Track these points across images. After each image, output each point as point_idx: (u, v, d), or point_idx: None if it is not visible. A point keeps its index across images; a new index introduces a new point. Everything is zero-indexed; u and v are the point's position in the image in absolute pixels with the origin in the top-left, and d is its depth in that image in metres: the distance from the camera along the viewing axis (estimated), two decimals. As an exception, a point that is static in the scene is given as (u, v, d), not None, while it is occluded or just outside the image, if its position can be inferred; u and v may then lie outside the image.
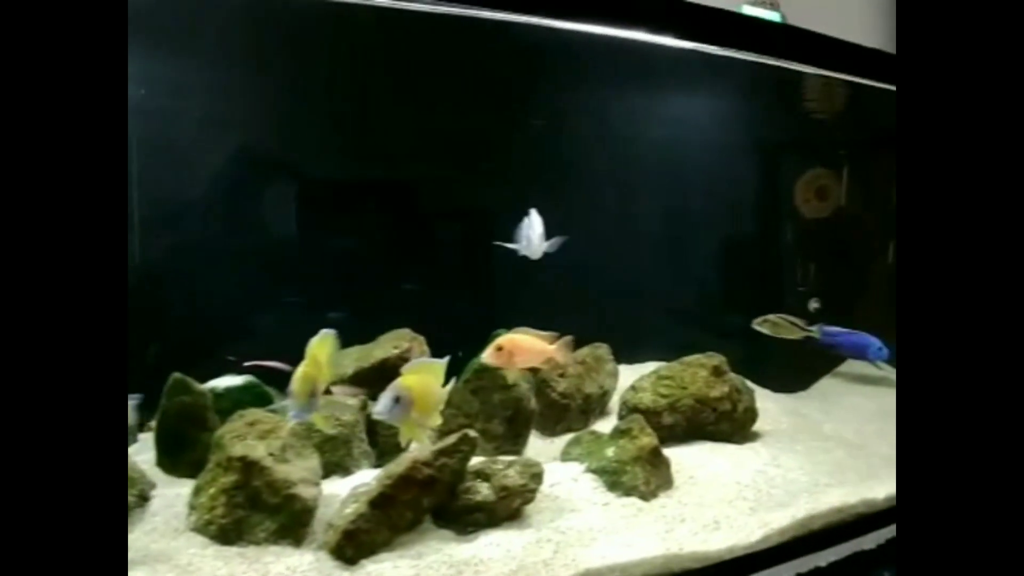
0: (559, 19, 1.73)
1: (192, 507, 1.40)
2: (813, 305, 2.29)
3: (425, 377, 1.38)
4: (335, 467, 1.62)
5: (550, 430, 1.90)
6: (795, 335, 2.11)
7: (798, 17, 2.74)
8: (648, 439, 1.66)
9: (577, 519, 1.51)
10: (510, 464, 1.52)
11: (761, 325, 2.11)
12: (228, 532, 1.35)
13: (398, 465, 1.42)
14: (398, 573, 1.30)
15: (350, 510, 1.36)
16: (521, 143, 2.14)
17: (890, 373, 2.40)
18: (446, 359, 1.55)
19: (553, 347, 1.59)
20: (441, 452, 1.44)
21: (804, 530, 1.61)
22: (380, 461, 1.68)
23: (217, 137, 1.97)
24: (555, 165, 2.25)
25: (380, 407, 1.31)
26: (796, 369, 2.40)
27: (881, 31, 2.87)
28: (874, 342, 2.16)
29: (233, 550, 1.34)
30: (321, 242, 2.17)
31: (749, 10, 1.82)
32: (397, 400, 1.30)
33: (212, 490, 1.38)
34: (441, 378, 1.43)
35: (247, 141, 2.01)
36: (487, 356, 1.55)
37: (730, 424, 1.91)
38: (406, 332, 1.87)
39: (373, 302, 2.18)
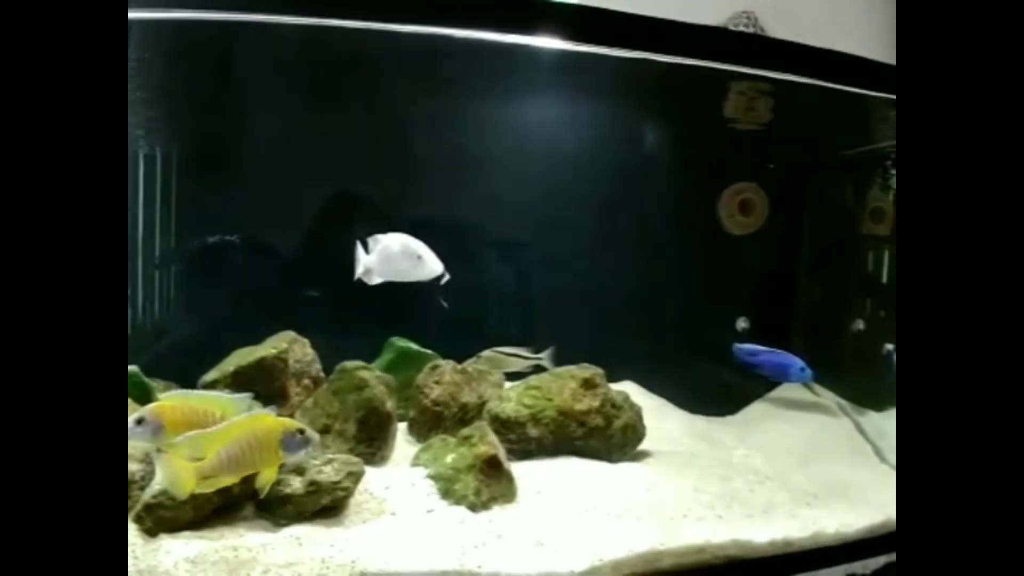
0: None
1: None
2: (741, 325, 2.12)
3: (191, 403, 1.41)
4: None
5: (424, 436, 1.90)
6: (520, 366, 1.95)
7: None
8: (485, 448, 1.63)
9: (390, 523, 1.50)
10: (329, 461, 1.55)
11: (478, 363, 1.97)
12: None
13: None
14: (184, 549, 1.35)
15: (157, 487, 1.46)
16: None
17: (828, 399, 2.17)
18: (243, 396, 1.49)
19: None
20: (253, 442, 1.51)
21: (646, 567, 1.45)
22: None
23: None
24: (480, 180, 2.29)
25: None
26: (730, 391, 2.23)
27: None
28: (795, 362, 1.96)
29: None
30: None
31: None
32: (140, 421, 1.34)
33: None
34: (211, 406, 1.43)
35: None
36: None
37: (603, 441, 1.81)
38: (289, 334, 1.95)
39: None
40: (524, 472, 1.71)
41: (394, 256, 1.81)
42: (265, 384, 1.88)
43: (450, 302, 2.32)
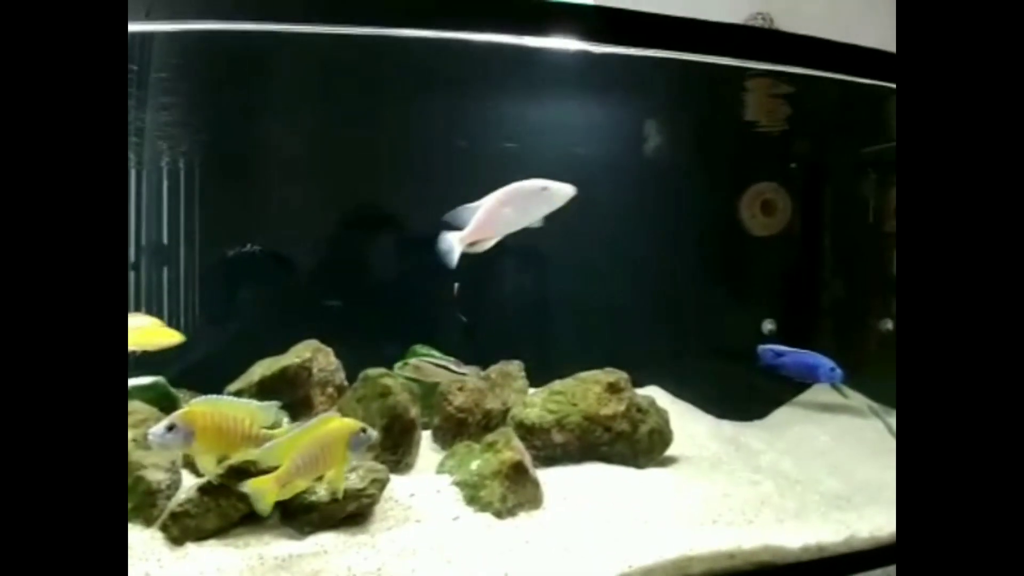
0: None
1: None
2: (767, 327, 2.09)
3: (221, 409, 1.40)
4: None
5: (448, 443, 1.89)
6: (446, 379, 1.89)
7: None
8: (511, 454, 1.61)
9: (415, 530, 1.50)
10: (354, 468, 1.54)
11: (402, 370, 1.88)
12: (93, 506, 1.49)
13: (234, 458, 1.50)
14: (209, 557, 1.36)
15: (183, 495, 1.47)
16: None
17: (856, 400, 2.12)
18: (271, 404, 1.51)
19: None
20: (278, 450, 1.51)
21: (677, 573, 1.42)
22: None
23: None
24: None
25: (152, 432, 1.35)
26: (756, 394, 2.20)
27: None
28: (825, 362, 1.91)
29: (89, 523, 1.47)
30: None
31: None
32: (171, 428, 1.33)
33: (88, 469, 1.54)
34: (240, 413, 1.42)
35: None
36: None
37: (629, 446, 1.79)
38: (313, 343, 1.96)
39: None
40: (550, 478, 1.70)
41: (509, 203, 1.65)
42: (289, 393, 1.88)
43: (471, 308, 2.32)
